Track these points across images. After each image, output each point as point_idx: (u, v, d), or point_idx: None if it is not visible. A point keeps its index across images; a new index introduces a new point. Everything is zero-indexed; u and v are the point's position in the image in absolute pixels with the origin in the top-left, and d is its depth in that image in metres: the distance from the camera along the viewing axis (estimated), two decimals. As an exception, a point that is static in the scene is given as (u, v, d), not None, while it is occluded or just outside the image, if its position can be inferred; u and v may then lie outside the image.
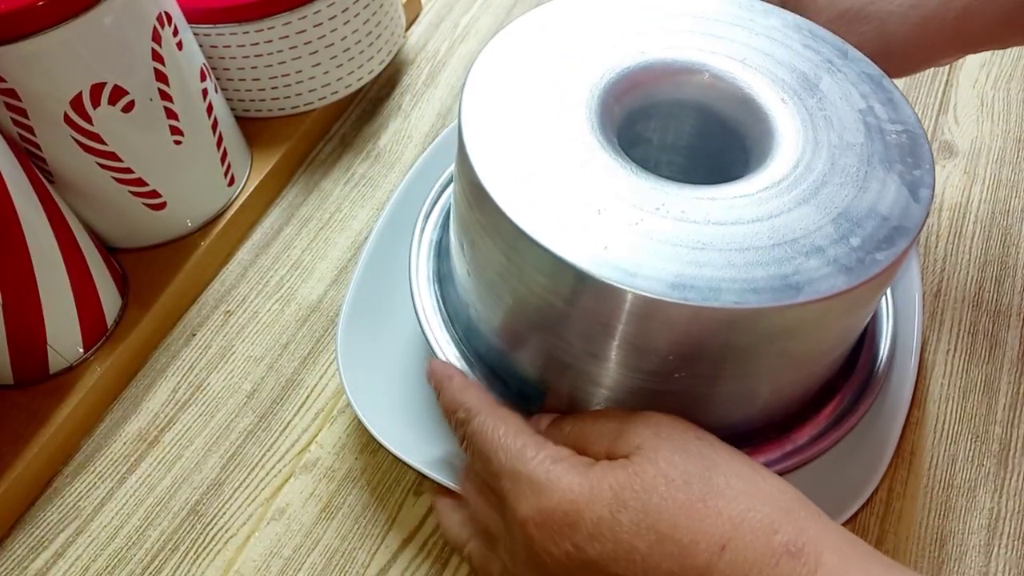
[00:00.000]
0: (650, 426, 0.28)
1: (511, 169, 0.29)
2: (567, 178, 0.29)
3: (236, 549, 0.37)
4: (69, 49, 0.37)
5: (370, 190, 0.50)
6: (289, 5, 0.46)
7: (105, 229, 0.45)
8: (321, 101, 0.52)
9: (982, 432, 0.38)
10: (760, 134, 0.32)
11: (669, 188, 0.29)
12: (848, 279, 0.27)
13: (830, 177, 0.29)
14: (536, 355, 0.32)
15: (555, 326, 0.30)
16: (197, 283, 0.46)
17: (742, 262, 0.27)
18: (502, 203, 0.28)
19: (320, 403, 0.41)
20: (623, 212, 0.28)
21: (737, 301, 0.26)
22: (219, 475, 0.39)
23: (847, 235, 0.28)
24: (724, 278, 0.26)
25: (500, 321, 0.33)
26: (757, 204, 0.29)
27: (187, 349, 0.44)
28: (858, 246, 0.27)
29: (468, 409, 0.31)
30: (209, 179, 0.46)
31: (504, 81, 0.32)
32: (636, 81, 0.33)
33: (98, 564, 0.37)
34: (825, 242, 0.27)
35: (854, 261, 0.27)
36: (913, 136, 0.31)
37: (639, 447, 0.27)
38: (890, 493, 0.37)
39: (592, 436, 0.29)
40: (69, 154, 0.40)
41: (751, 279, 0.26)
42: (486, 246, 0.30)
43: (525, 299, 0.30)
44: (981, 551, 0.35)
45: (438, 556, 0.36)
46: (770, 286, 0.26)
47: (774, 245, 0.27)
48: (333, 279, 0.46)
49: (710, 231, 0.28)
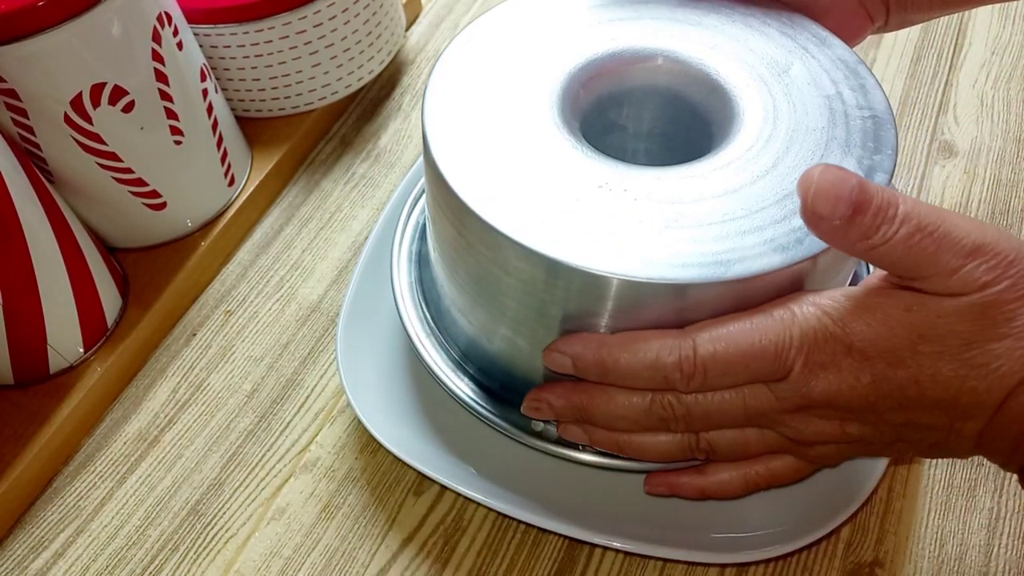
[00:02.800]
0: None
1: (464, 146, 0.31)
2: (514, 155, 0.30)
3: (236, 549, 0.37)
4: (69, 49, 0.37)
5: (370, 190, 0.50)
6: (289, 5, 0.46)
7: (105, 229, 0.45)
8: (321, 101, 0.52)
9: (982, 432, 0.38)
10: (724, 119, 0.32)
11: (615, 166, 0.30)
12: (783, 258, 0.27)
13: (783, 160, 0.30)
14: (488, 323, 0.33)
15: (499, 296, 0.31)
16: (197, 283, 0.46)
17: (678, 238, 0.28)
18: (449, 177, 0.30)
19: (320, 403, 0.41)
20: (564, 188, 0.29)
21: (665, 276, 0.27)
22: (219, 475, 0.39)
23: (790, 216, 0.28)
24: (660, 253, 0.27)
25: (459, 295, 0.34)
26: (703, 184, 0.29)
27: (187, 349, 0.44)
28: (800, 227, 0.28)
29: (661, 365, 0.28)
30: (209, 179, 0.46)
31: (472, 67, 0.33)
32: (604, 68, 0.34)
33: (98, 564, 0.37)
34: (766, 222, 0.28)
35: (792, 241, 0.27)
36: (879, 121, 0.31)
37: None
38: (890, 493, 0.37)
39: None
40: (69, 154, 0.40)
41: (683, 254, 0.27)
42: (440, 220, 0.32)
43: (475, 272, 0.31)
44: (981, 551, 0.35)
45: (438, 556, 0.36)
46: (699, 262, 0.27)
47: (712, 224, 0.28)
48: (333, 279, 0.46)
49: (650, 208, 0.29)
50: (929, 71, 0.55)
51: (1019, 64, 0.55)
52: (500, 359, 0.34)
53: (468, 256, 0.31)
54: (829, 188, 0.26)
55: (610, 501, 0.36)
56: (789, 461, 0.31)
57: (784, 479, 0.32)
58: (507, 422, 0.35)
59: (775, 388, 0.28)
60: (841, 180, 0.26)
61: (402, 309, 0.38)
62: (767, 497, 0.35)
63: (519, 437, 0.34)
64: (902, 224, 0.26)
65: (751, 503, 0.35)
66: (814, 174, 0.26)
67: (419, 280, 0.39)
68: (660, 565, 0.35)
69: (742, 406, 0.29)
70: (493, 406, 0.35)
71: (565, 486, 0.36)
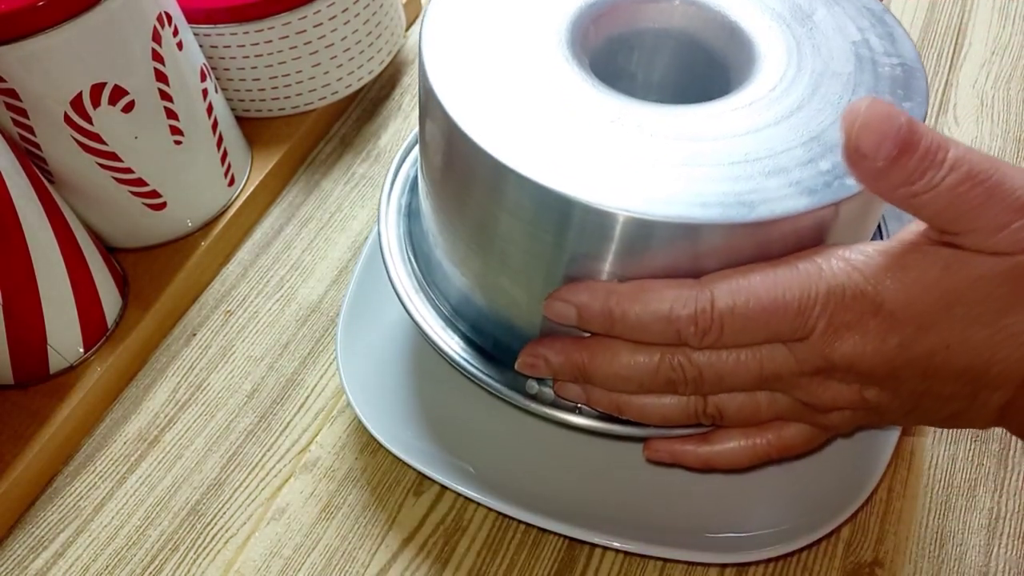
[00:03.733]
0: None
1: (465, 77, 0.28)
2: (519, 88, 0.28)
3: (236, 549, 0.37)
4: (69, 49, 0.37)
5: (370, 190, 0.50)
6: (289, 5, 0.46)
7: (105, 229, 0.45)
8: (321, 101, 0.52)
9: (982, 432, 0.38)
10: (743, 64, 0.30)
11: (628, 102, 0.28)
12: (810, 201, 0.25)
13: (808, 102, 0.28)
14: (483, 274, 0.31)
15: (498, 241, 0.29)
16: (197, 283, 0.46)
17: (695, 176, 0.26)
18: (449, 107, 0.27)
19: (320, 403, 0.41)
20: (573, 122, 0.27)
21: (682, 215, 0.25)
22: (219, 475, 0.39)
23: (817, 159, 0.26)
24: (672, 191, 0.25)
25: (453, 244, 0.32)
26: (722, 123, 0.27)
27: (187, 349, 0.44)
28: (828, 170, 0.26)
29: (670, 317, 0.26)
30: (209, 179, 0.46)
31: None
32: (617, 4, 0.32)
33: (98, 564, 0.37)
34: (791, 164, 0.26)
35: (820, 184, 0.26)
36: (908, 69, 0.29)
37: None
38: (890, 493, 0.37)
39: None
40: (69, 154, 0.40)
41: (701, 193, 0.25)
42: (437, 158, 0.30)
43: (473, 216, 0.29)
44: (981, 551, 0.35)
45: (438, 556, 0.36)
46: (720, 201, 0.25)
47: (734, 163, 0.26)
48: (333, 279, 0.46)
49: (664, 144, 0.27)
50: (929, 71, 0.55)
51: (1019, 64, 0.55)
52: (495, 314, 0.32)
53: (466, 197, 0.29)
54: (876, 123, 0.23)
55: (610, 501, 0.36)
56: (801, 430, 0.30)
57: (794, 449, 0.30)
58: (499, 382, 0.32)
59: (794, 349, 0.26)
60: (889, 116, 0.23)
61: (389, 263, 0.35)
62: (767, 497, 0.35)
63: (511, 398, 0.32)
64: (951, 170, 0.23)
65: (751, 503, 0.35)
66: (861, 106, 0.23)
67: (408, 234, 0.36)
68: (660, 565, 0.35)
69: (757, 367, 0.27)
70: (485, 365, 0.33)
71: (565, 486, 0.36)
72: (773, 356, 0.27)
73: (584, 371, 0.29)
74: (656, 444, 0.32)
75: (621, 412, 0.30)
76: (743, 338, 0.26)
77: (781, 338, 0.26)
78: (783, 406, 0.29)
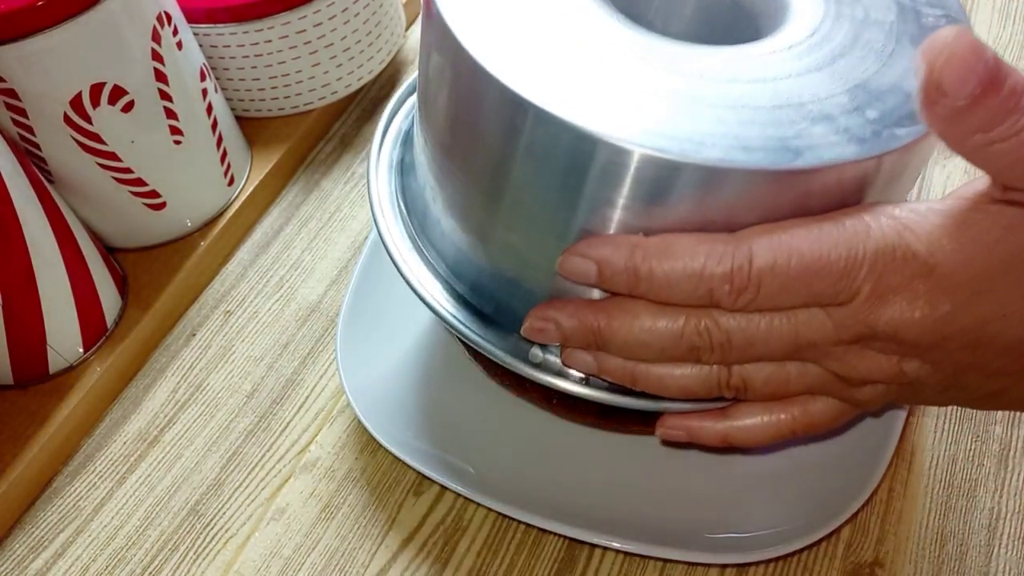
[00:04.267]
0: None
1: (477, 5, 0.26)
2: (540, 20, 0.26)
3: (236, 549, 0.37)
4: (69, 49, 0.37)
5: (370, 190, 0.50)
6: (289, 5, 0.46)
7: (105, 229, 0.44)
8: (321, 101, 0.52)
9: (982, 432, 0.38)
10: (774, 10, 0.28)
11: (658, 40, 0.26)
12: (860, 150, 0.23)
13: (850, 49, 0.26)
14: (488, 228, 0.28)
15: (508, 190, 0.26)
16: (197, 283, 0.46)
17: (734, 119, 0.23)
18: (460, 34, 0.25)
19: (320, 403, 0.41)
20: (600, 59, 0.25)
21: (722, 158, 0.22)
22: (219, 475, 0.39)
23: (864, 107, 0.24)
24: (710, 132, 0.23)
25: (454, 194, 0.29)
26: (760, 66, 0.25)
27: (187, 349, 0.44)
28: (875, 119, 0.24)
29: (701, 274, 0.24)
30: (209, 179, 0.46)
31: None
32: None
33: (98, 564, 0.37)
34: (836, 111, 0.24)
35: (869, 133, 0.24)
36: (953, 21, 0.27)
37: None
38: (890, 493, 0.37)
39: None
40: (69, 154, 0.40)
41: (742, 136, 0.23)
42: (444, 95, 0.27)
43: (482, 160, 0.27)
44: (982, 551, 0.35)
45: (438, 556, 0.36)
46: (764, 146, 0.23)
47: (775, 107, 0.24)
48: (333, 279, 0.46)
49: (699, 85, 0.24)
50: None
51: (1019, 64, 0.55)
52: (499, 273, 0.29)
53: (476, 139, 0.27)
54: (963, 56, 0.20)
55: (610, 501, 0.36)
56: (829, 405, 0.27)
57: (820, 427, 0.28)
58: (501, 348, 0.29)
59: (833, 314, 0.24)
60: (978, 50, 0.20)
61: (380, 219, 0.32)
62: (767, 497, 0.35)
63: (513, 366, 0.29)
64: None
65: (751, 503, 0.35)
66: (946, 37, 0.20)
67: (400, 191, 0.33)
68: (660, 565, 0.35)
69: (792, 334, 0.24)
70: (484, 330, 0.30)
71: (565, 486, 0.36)
72: (810, 321, 0.24)
73: (599, 336, 0.26)
74: (670, 420, 0.29)
75: (635, 383, 0.27)
76: (781, 300, 0.24)
77: (821, 301, 0.24)
78: (813, 378, 0.26)
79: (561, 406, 0.34)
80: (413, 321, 0.41)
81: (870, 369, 0.25)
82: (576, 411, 0.34)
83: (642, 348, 0.26)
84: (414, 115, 0.33)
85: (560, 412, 0.35)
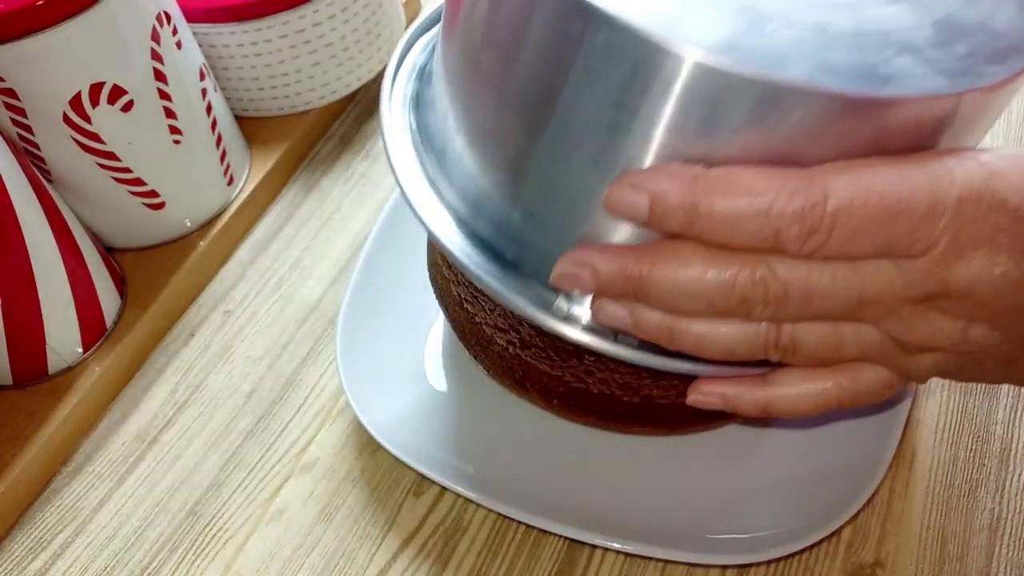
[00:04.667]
0: None
1: None
2: None
3: (235, 550, 0.37)
4: (68, 48, 0.36)
5: (370, 189, 0.50)
6: (289, 5, 0.46)
7: (104, 229, 0.44)
8: (321, 101, 0.52)
9: (983, 432, 0.38)
10: None
11: None
12: (950, 83, 0.21)
13: None
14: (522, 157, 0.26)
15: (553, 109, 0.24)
16: (196, 283, 0.46)
17: (815, 41, 0.21)
18: None
19: (320, 403, 0.41)
20: None
21: (808, 77, 0.20)
22: (218, 475, 0.39)
23: (951, 41, 0.22)
24: (791, 52, 0.21)
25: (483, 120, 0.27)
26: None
27: (186, 349, 0.44)
28: (964, 55, 0.22)
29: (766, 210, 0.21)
30: (208, 179, 0.46)
31: None
32: None
33: (97, 565, 0.37)
34: (923, 43, 0.22)
35: (958, 68, 0.22)
36: None
37: None
38: (891, 494, 0.37)
39: None
40: (68, 154, 0.40)
41: (825, 59, 0.21)
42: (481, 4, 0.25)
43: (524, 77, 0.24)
44: (983, 551, 0.35)
45: (438, 557, 0.36)
46: (850, 71, 0.21)
47: (858, 34, 0.22)
48: (333, 279, 0.46)
49: (778, 4, 0.22)
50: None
51: None
52: (529, 213, 0.26)
53: (520, 54, 0.24)
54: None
55: (611, 502, 0.35)
56: (879, 375, 0.25)
57: (867, 398, 0.26)
58: (523, 297, 0.26)
59: (904, 267, 0.22)
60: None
61: (393, 153, 0.29)
62: (768, 497, 0.35)
63: (536, 319, 0.26)
64: None
65: (752, 503, 0.35)
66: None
67: (416, 127, 0.31)
68: (661, 566, 0.35)
69: (856, 288, 0.22)
70: (503, 278, 0.27)
71: (565, 486, 0.36)
72: (877, 275, 0.22)
73: (639, 285, 0.24)
74: (705, 385, 0.27)
75: (672, 341, 0.24)
76: (851, 247, 0.22)
77: (894, 252, 0.22)
78: (868, 343, 0.24)
79: (561, 406, 0.34)
80: (413, 321, 0.41)
81: (932, 334, 0.23)
82: (576, 411, 0.34)
83: (687, 300, 0.23)
84: (436, 43, 0.30)
85: (560, 412, 0.35)
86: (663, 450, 0.37)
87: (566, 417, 0.35)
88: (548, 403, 0.34)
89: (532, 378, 0.34)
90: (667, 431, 0.36)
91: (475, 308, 0.34)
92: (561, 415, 0.35)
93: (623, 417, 0.34)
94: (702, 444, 0.37)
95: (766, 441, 0.37)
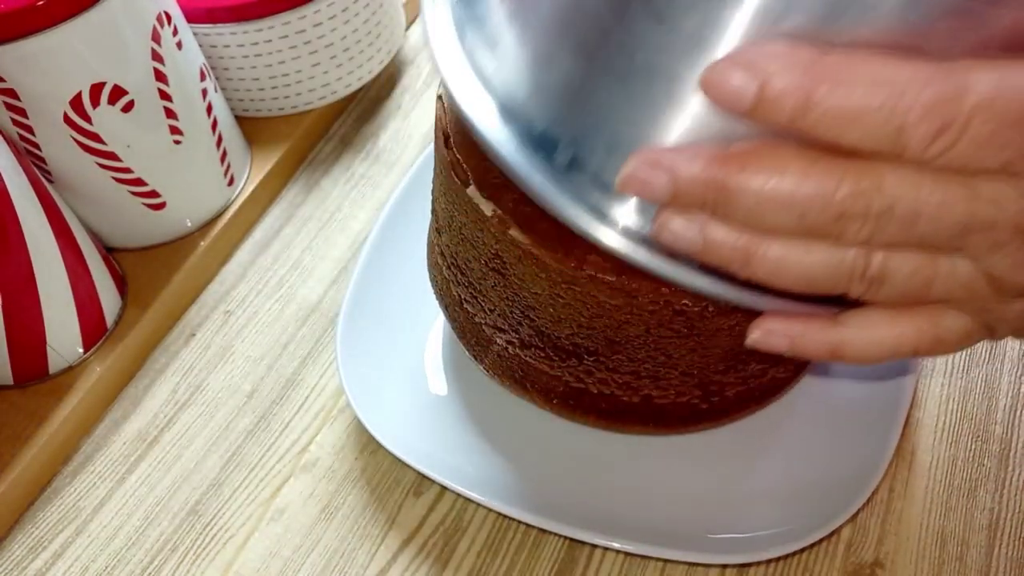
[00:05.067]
0: None
1: None
2: None
3: (236, 549, 0.37)
4: (69, 49, 0.36)
5: (370, 190, 0.50)
6: (289, 5, 0.46)
7: (105, 229, 0.44)
8: (321, 101, 0.52)
9: (983, 432, 0.38)
10: None
11: None
12: None
13: None
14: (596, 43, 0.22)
15: None
16: (197, 283, 0.46)
17: None
18: None
19: (320, 403, 0.41)
20: None
21: None
22: (219, 475, 0.39)
23: None
24: None
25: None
26: None
27: (187, 349, 0.44)
28: None
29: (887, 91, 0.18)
30: (209, 179, 0.46)
31: None
32: None
33: (97, 564, 0.37)
34: None
35: None
36: None
37: None
38: (891, 493, 0.37)
39: None
40: (68, 154, 0.40)
41: None
42: None
43: None
44: (982, 551, 0.35)
45: (438, 557, 0.36)
46: None
47: None
48: (333, 279, 0.46)
49: None
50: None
51: None
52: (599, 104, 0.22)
53: None
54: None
55: (610, 501, 0.36)
56: (960, 323, 0.22)
57: (945, 347, 0.23)
58: (579, 202, 0.22)
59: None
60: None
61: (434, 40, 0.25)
62: (768, 497, 0.35)
63: (593, 230, 0.22)
64: None
65: (752, 503, 0.35)
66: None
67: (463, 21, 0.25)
68: (661, 565, 0.35)
69: (968, 210, 0.19)
70: (555, 179, 0.23)
71: (565, 486, 0.36)
72: (995, 196, 0.19)
73: (724, 192, 0.20)
74: (771, 323, 0.23)
75: (747, 265, 0.21)
76: (981, 155, 0.19)
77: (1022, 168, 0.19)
78: (961, 283, 0.21)
79: (561, 406, 0.34)
80: (413, 321, 0.41)
81: None
82: (576, 411, 0.34)
83: (778, 212, 0.20)
84: None
85: (560, 412, 0.35)
86: (663, 450, 0.37)
87: (566, 417, 0.35)
88: (548, 403, 0.34)
89: (532, 378, 0.34)
90: (667, 431, 0.36)
91: (475, 308, 0.34)
92: (561, 415, 0.35)
93: (623, 417, 0.34)
94: (702, 444, 0.37)
95: (766, 441, 0.37)
